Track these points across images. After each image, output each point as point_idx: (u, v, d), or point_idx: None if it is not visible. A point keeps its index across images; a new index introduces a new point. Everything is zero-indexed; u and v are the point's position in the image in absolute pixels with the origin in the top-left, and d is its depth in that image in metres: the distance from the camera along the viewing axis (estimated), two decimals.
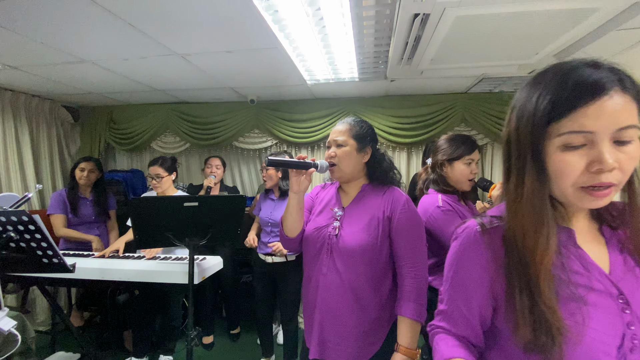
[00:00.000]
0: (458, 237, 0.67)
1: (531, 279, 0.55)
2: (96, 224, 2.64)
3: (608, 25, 1.53)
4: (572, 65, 0.52)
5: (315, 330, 1.24)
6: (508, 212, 0.59)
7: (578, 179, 0.52)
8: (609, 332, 0.55)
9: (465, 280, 0.65)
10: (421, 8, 1.39)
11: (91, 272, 1.89)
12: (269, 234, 2.34)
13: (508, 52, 1.91)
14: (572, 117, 0.50)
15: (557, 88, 0.51)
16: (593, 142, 0.50)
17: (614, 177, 0.51)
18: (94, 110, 3.46)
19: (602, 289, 0.57)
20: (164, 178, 2.26)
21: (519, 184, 0.56)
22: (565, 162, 0.52)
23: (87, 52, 2.00)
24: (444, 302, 0.71)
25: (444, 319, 0.71)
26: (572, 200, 0.55)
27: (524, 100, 0.56)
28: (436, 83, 2.69)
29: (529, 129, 0.54)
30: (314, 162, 1.19)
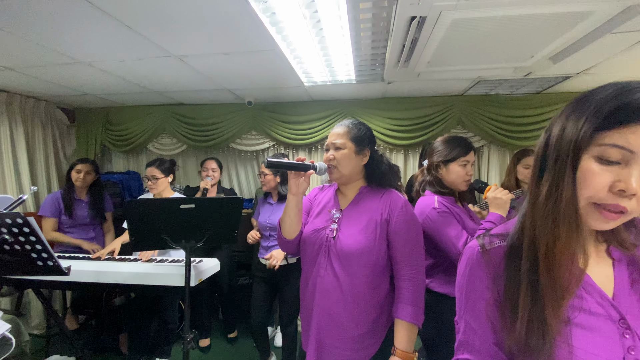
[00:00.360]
0: (462, 259, 0.68)
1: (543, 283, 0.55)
2: (92, 226, 2.63)
3: (603, 28, 1.55)
4: (635, 86, 0.51)
5: (313, 333, 1.23)
6: (535, 215, 0.57)
7: (596, 194, 0.51)
8: (606, 356, 0.55)
9: (476, 303, 0.64)
10: (418, 11, 1.40)
11: (86, 275, 1.88)
12: (268, 239, 2.33)
13: (504, 54, 1.92)
14: (621, 130, 0.49)
15: (619, 100, 0.49)
16: (628, 162, 0.49)
17: (630, 205, 0.50)
18: (90, 111, 3.44)
19: (602, 313, 0.56)
20: (160, 180, 2.25)
21: (554, 189, 0.54)
22: (594, 172, 0.51)
23: (83, 53, 1.99)
24: (461, 332, 0.68)
25: (466, 351, 0.66)
26: (581, 213, 0.54)
27: (574, 108, 0.55)
28: (433, 85, 2.70)
29: (574, 133, 0.52)
30: (312, 164, 1.19)
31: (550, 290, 0.54)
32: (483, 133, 2.91)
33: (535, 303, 0.55)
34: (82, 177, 2.51)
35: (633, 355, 0.55)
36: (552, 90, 2.74)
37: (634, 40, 1.73)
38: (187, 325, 1.60)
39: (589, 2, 1.33)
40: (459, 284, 0.68)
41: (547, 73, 2.28)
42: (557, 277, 0.54)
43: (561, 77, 2.41)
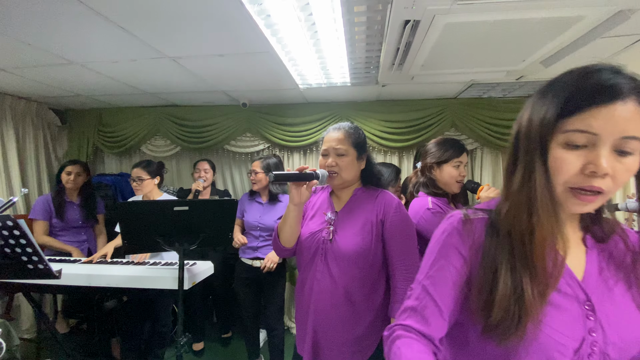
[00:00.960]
0: (440, 227, 0.68)
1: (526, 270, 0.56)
2: (83, 229, 2.59)
3: (593, 32, 1.57)
4: (596, 68, 0.52)
5: (309, 336, 1.23)
6: (511, 205, 0.58)
7: (570, 179, 0.52)
8: (569, 334, 0.57)
9: (444, 270, 0.63)
10: (411, 15, 1.41)
11: (78, 278, 1.85)
12: (257, 239, 2.31)
13: (496, 58, 1.95)
14: (582, 116, 0.50)
15: (575, 86, 0.51)
16: (594, 144, 0.50)
17: (605, 184, 0.51)
18: (82, 113, 3.40)
19: (570, 293, 0.58)
20: (145, 181, 2.21)
21: (526, 179, 0.56)
22: (563, 159, 0.52)
23: (76, 54, 1.97)
24: (413, 297, 0.65)
25: (411, 316, 0.63)
26: (559, 199, 0.55)
27: (540, 96, 0.56)
28: (427, 88, 2.72)
29: (540, 122, 0.54)
30: (315, 173, 1.17)
31: (533, 279, 0.55)
32: (476, 135, 2.93)
33: (515, 289, 0.55)
34: (72, 179, 2.48)
35: (593, 337, 0.57)
36: None
37: (624, 44, 1.77)
38: (180, 328, 1.59)
39: (580, 7, 1.36)
40: (430, 249, 0.67)
41: (539, 77, 2.31)
42: (539, 266, 0.55)
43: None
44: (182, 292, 1.61)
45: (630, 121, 0.49)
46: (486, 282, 0.58)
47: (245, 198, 2.47)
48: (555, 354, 0.56)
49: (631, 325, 0.59)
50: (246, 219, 2.37)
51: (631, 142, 0.50)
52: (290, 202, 1.20)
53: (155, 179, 2.29)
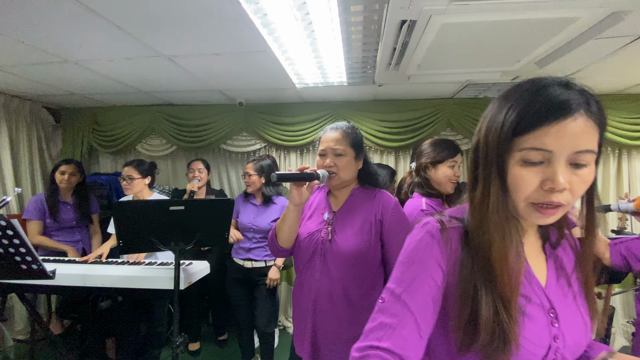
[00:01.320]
0: (416, 234, 0.63)
1: (497, 289, 0.55)
2: (77, 229, 2.57)
3: (587, 34, 1.59)
4: (545, 83, 0.53)
5: (308, 336, 1.22)
6: (472, 221, 0.59)
7: (531, 195, 0.53)
8: (538, 342, 0.57)
9: (425, 285, 0.58)
10: (408, 15, 1.42)
11: (72, 279, 1.83)
12: (250, 240, 2.31)
13: (492, 59, 1.96)
14: (535, 133, 0.51)
15: (527, 103, 0.52)
16: (550, 161, 0.51)
17: (564, 198, 0.52)
18: (77, 111, 3.37)
19: (537, 302, 0.59)
20: (136, 180, 2.18)
21: (485, 194, 0.56)
22: (522, 176, 0.53)
23: (70, 52, 1.95)
24: (389, 312, 0.58)
25: (390, 336, 0.56)
26: (522, 214, 0.56)
27: (496, 111, 0.57)
28: (423, 88, 2.73)
29: (496, 140, 0.54)
30: (316, 173, 1.16)
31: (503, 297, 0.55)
32: (472, 136, 2.94)
33: (497, 310, 0.54)
34: (66, 179, 2.45)
35: (557, 343, 0.58)
36: None
37: (617, 45, 1.78)
38: (176, 329, 1.58)
39: (574, 8, 1.37)
40: (407, 258, 0.62)
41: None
42: (501, 281, 0.54)
43: None
44: (178, 292, 1.60)
45: (581, 136, 0.50)
46: (466, 302, 0.56)
47: (240, 199, 2.46)
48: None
49: (580, 328, 0.61)
50: (240, 220, 2.36)
51: (584, 155, 0.51)
52: (291, 203, 1.19)
53: (146, 179, 2.26)
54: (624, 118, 2.79)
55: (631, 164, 2.91)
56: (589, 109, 0.51)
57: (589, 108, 0.51)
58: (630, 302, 2.87)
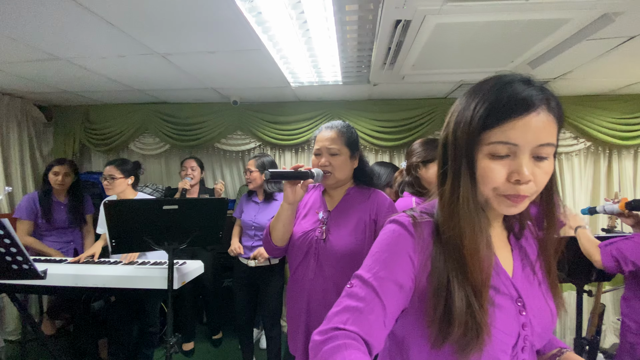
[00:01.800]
0: (389, 228, 0.64)
1: (469, 280, 0.56)
2: (70, 230, 2.53)
3: (579, 35, 1.61)
4: (509, 80, 0.56)
5: (302, 336, 1.22)
6: (442, 214, 0.61)
7: (499, 186, 0.55)
8: (508, 331, 0.59)
9: (395, 273, 0.59)
10: (402, 15, 1.42)
11: (64, 279, 1.81)
12: (252, 238, 2.31)
13: (485, 59, 1.97)
14: (502, 128, 0.53)
15: (493, 99, 0.54)
16: (516, 154, 0.54)
17: (529, 190, 0.55)
18: (69, 109, 3.33)
19: (506, 292, 0.61)
20: (117, 180, 2.12)
21: (455, 187, 0.58)
22: (490, 169, 0.55)
23: (62, 49, 1.92)
24: (356, 296, 0.58)
25: (356, 320, 0.55)
26: (492, 204, 0.58)
27: (464, 107, 0.59)
28: (417, 88, 2.74)
29: (465, 135, 0.56)
30: (310, 172, 1.16)
31: (474, 287, 0.56)
32: None
33: (468, 301, 0.55)
34: (60, 179, 2.40)
35: (525, 331, 0.60)
36: None
37: (608, 46, 1.81)
38: (170, 328, 1.57)
39: (566, 10, 1.38)
40: (378, 248, 0.62)
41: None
42: (474, 272, 0.56)
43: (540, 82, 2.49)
44: (171, 292, 1.60)
45: (544, 130, 0.53)
46: (441, 296, 0.57)
47: (243, 198, 2.46)
48: (499, 353, 0.58)
49: (545, 314, 0.63)
50: (243, 219, 2.36)
51: (546, 148, 0.54)
52: (285, 201, 1.19)
53: (129, 179, 2.19)
54: (615, 118, 2.83)
55: (621, 164, 2.95)
56: (550, 105, 0.54)
57: (549, 104, 0.54)
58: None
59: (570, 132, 2.93)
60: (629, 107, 2.83)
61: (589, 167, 3.01)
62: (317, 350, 0.54)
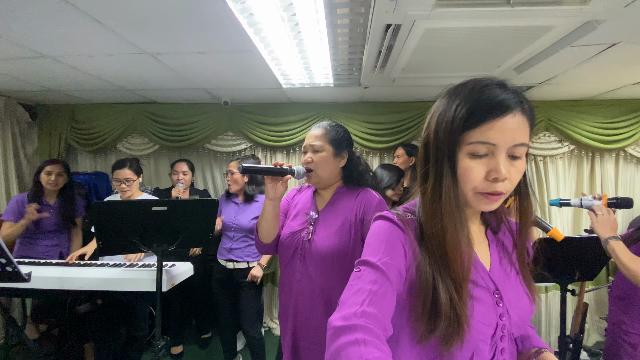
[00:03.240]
0: (379, 224, 0.66)
1: (451, 274, 0.59)
2: (57, 233, 2.44)
3: (563, 41, 1.66)
4: (486, 83, 0.59)
5: (289, 336, 1.23)
6: (425, 212, 0.63)
7: (478, 185, 0.59)
8: (487, 322, 0.62)
9: (395, 260, 0.60)
10: (393, 19, 1.44)
11: (49, 281, 1.77)
12: (232, 240, 2.29)
13: (473, 64, 2.01)
14: (481, 128, 0.57)
15: (473, 102, 0.58)
16: (493, 153, 0.57)
17: (504, 187, 0.58)
18: (54, 108, 3.26)
19: (483, 285, 0.64)
20: (135, 181, 2.15)
21: (437, 185, 0.61)
22: (471, 168, 0.58)
23: (48, 47, 1.89)
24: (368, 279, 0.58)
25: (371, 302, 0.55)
26: (471, 202, 0.61)
27: (444, 108, 0.61)
28: (407, 91, 2.78)
29: (447, 135, 0.59)
30: (290, 169, 1.17)
31: (455, 280, 0.59)
32: None
33: (450, 295, 0.58)
34: (53, 180, 2.32)
35: (503, 321, 0.64)
36: None
37: (591, 53, 1.87)
38: (158, 332, 1.55)
39: (550, 17, 1.43)
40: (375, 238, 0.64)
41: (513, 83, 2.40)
42: (455, 265, 0.59)
43: (525, 87, 2.55)
44: (160, 295, 1.57)
45: (519, 130, 0.57)
46: (428, 292, 0.59)
47: (222, 199, 2.44)
48: (479, 343, 0.61)
49: (523, 303, 0.67)
50: (223, 220, 2.34)
51: (520, 148, 0.58)
52: (266, 197, 1.20)
53: (140, 177, 2.24)
54: (598, 123, 2.92)
55: (603, 167, 3.04)
56: (524, 107, 0.58)
57: (523, 107, 0.58)
58: (603, 299, 3.00)
59: (555, 136, 3.01)
60: (610, 112, 2.92)
61: (572, 169, 3.09)
62: (335, 338, 0.53)
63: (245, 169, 1.11)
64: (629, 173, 3.05)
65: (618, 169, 3.05)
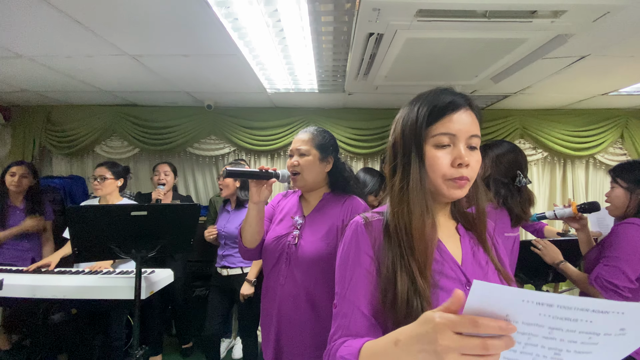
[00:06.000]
0: (346, 235, 0.73)
1: (413, 258, 0.64)
2: (26, 237, 2.35)
3: (535, 54, 1.74)
4: (440, 90, 0.71)
5: (272, 341, 1.22)
6: (393, 203, 0.70)
7: (446, 172, 0.66)
8: None
9: (359, 275, 0.67)
10: (375, 28, 1.48)
11: (20, 290, 1.69)
12: (224, 247, 2.27)
13: (452, 73, 2.08)
14: (442, 122, 0.67)
15: (432, 102, 0.69)
16: (455, 143, 0.66)
17: (469, 173, 0.67)
18: (29, 109, 3.14)
19: (453, 276, 0.68)
20: (108, 180, 2.08)
21: (405, 176, 0.69)
22: (437, 157, 0.67)
23: (25, 47, 1.83)
24: (340, 316, 0.66)
25: (343, 334, 0.64)
26: (441, 190, 0.68)
27: (407, 112, 0.72)
28: (390, 98, 2.83)
29: (413, 131, 0.69)
30: (275, 172, 1.18)
31: (419, 265, 0.64)
32: None
33: (412, 281, 0.63)
34: (16, 181, 2.26)
35: None
36: (494, 107, 3.00)
37: (562, 65, 1.97)
38: (136, 341, 1.51)
39: (523, 31, 1.50)
40: (341, 259, 0.71)
41: (490, 91, 2.50)
42: (419, 250, 0.64)
43: (502, 95, 2.65)
44: (139, 303, 1.53)
45: (472, 123, 0.68)
46: (389, 281, 0.64)
47: (221, 207, 2.43)
48: None
49: None
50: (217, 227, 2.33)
51: (475, 139, 0.68)
52: (250, 201, 1.20)
53: (119, 181, 2.18)
54: (569, 131, 3.07)
55: (575, 173, 3.19)
56: (471, 106, 0.70)
57: (471, 105, 0.70)
58: None
59: (529, 143, 3.14)
60: (581, 121, 3.08)
61: (546, 175, 3.23)
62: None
63: (230, 173, 1.12)
64: (598, 179, 3.21)
65: (588, 175, 3.21)
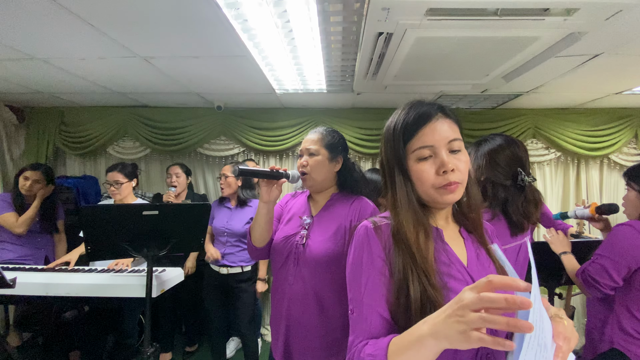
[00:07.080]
0: (355, 240, 0.74)
1: (419, 267, 0.65)
2: (40, 236, 2.41)
3: (548, 52, 1.71)
4: (410, 104, 0.75)
5: (281, 341, 1.22)
6: (392, 215, 0.73)
7: (434, 182, 0.69)
8: None
9: (374, 279, 0.68)
10: (385, 27, 1.47)
11: (34, 288, 1.73)
12: (224, 245, 2.28)
13: (463, 72, 2.06)
14: (417, 136, 0.70)
15: (404, 119, 0.72)
16: (436, 153, 0.69)
17: (457, 177, 0.69)
18: (43, 111, 3.21)
19: (460, 278, 0.69)
20: (124, 185, 2.13)
21: (394, 193, 0.73)
22: (421, 170, 0.69)
23: (39, 49, 1.86)
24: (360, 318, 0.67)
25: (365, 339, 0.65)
26: (434, 198, 0.70)
27: (387, 134, 0.76)
28: (399, 98, 2.81)
29: (393, 151, 0.73)
30: (285, 172, 1.19)
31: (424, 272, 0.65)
32: None
33: (423, 288, 0.64)
34: (28, 186, 2.28)
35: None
36: (505, 106, 2.96)
37: (575, 63, 1.93)
38: (147, 338, 1.53)
39: (535, 29, 1.47)
40: (355, 264, 0.72)
41: (501, 90, 2.46)
42: (417, 256, 0.66)
43: (513, 95, 2.62)
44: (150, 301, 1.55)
45: (448, 129, 0.70)
46: (402, 284, 0.65)
47: (215, 204, 2.43)
48: None
49: None
50: (214, 225, 2.33)
51: (455, 142, 0.70)
52: (260, 200, 1.21)
53: (133, 182, 2.20)
54: (583, 131, 3.01)
55: (588, 173, 3.13)
56: (444, 112, 0.72)
57: (444, 111, 0.72)
58: None
59: (542, 143, 3.09)
60: (595, 120, 3.01)
61: (559, 175, 3.17)
62: None
63: (242, 171, 1.13)
64: (612, 179, 3.14)
65: (602, 175, 3.14)
